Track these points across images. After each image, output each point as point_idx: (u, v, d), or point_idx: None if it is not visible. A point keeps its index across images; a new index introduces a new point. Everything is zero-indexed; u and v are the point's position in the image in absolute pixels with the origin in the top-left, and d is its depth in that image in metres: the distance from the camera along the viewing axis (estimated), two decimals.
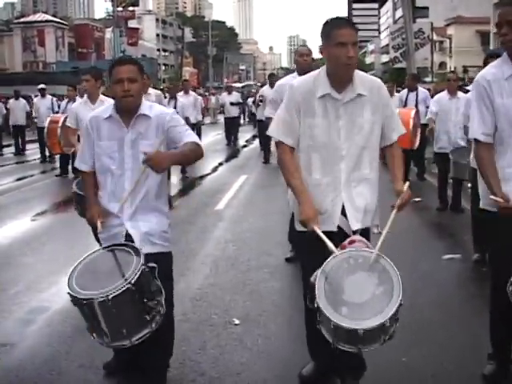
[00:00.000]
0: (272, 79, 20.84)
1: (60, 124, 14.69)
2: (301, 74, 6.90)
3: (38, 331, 6.21)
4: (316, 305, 3.92)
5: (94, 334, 4.30)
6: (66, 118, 11.66)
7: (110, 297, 4.00)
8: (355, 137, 4.41)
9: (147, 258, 4.29)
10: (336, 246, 4.18)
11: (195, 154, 4.68)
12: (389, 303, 3.83)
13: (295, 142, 4.52)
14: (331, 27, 4.29)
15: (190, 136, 4.70)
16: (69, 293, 4.12)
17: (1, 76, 63.65)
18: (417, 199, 12.10)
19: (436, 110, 11.57)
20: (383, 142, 4.59)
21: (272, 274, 7.82)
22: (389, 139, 4.58)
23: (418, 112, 13.57)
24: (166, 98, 17.44)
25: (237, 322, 6.37)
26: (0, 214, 12.39)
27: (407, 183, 4.45)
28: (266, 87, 20.15)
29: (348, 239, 4.29)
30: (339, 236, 4.38)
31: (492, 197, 4.40)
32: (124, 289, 4.04)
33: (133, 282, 4.06)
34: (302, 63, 7.84)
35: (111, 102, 4.85)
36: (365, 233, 4.52)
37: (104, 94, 8.21)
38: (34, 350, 5.79)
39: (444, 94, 11.65)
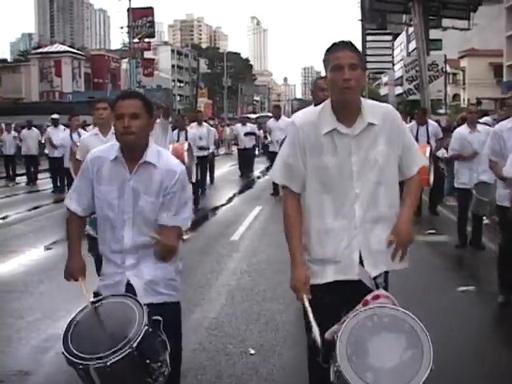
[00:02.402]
0: (276, 111, 20.99)
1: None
2: None
3: (55, 358, 6.18)
4: (336, 368, 3.46)
5: None
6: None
7: (108, 363, 3.53)
8: (369, 173, 3.95)
9: (151, 310, 3.85)
10: (355, 301, 3.78)
11: (176, 241, 4.35)
12: (419, 370, 3.37)
13: (300, 186, 4.09)
14: (327, 52, 3.94)
15: (180, 215, 4.24)
16: (63, 353, 3.68)
17: (17, 105, 64.23)
18: (431, 231, 12.12)
19: (458, 148, 11.19)
20: (402, 175, 4.13)
21: (287, 305, 7.83)
22: (408, 172, 4.13)
23: (431, 148, 13.17)
24: (174, 129, 17.58)
25: (252, 351, 6.42)
26: (16, 242, 12.51)
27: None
28: (272, 120, 20.38)
29: (372, 294, 3.80)
30: (359, 287, 3.92)
31: None
32: (124, 354, 3.56)
33: (134, 346, 3.59)
34: (321, 98, 7.56)
35: None
36: (385, 276, 4.12)
37: None
38: (51, 377, 5.84)
39: (464, 128, 11.36)
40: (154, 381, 3.77)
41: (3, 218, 16.06)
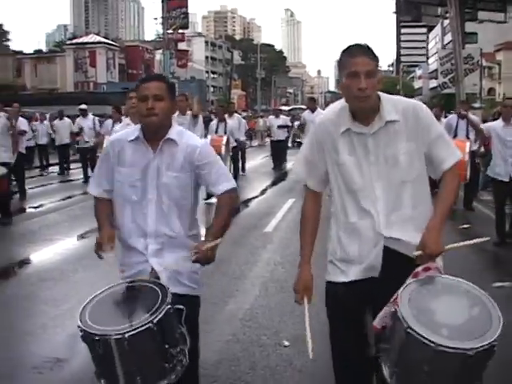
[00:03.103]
0: (311, 104, 20.88)
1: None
2: None
3: None
4: (407, 328, 3.22)
5: (103, 381, 3.63)
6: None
7: (127, 335, 3.40)
8: (390, 172, 3.78)
9: (174, 299, 3.70)
10: (381, 298, 3.61)
11: (233, 210, 4.31)
12: (491, 323, 3.26)
13: (319, 184, 4.04)
14: (344, 55, 3.75)
15: (224, 179, 4.23)
16: (79, 326, 3.54)
17: (52, 96, 64.74)
18: (465, 226, 12.01)
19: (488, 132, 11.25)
20: (434, 172, 3.90)
21: (321, 297, 7.80)
22: (441, 167, 3.86)
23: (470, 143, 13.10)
24: (212, 120, 17.63)
25: (286, 343, 6.41)
26: (51, 231, 12.62)
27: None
28: (307, 112, 20.31)
29: (422, 266, 3.59)
30: (384, 284, 3.71)
31: None
32: (145, 327, 3.44)
33: (155, 321, 3.47)
34: None
35: None
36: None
37: None
38: (86, 365, 5.84)
39: (498, 123, 11.28)
40: (172, 369, 3.62)
41: (37, 207, 16.21)
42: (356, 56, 3.67)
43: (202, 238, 4.15)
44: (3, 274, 9.59)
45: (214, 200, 4.48)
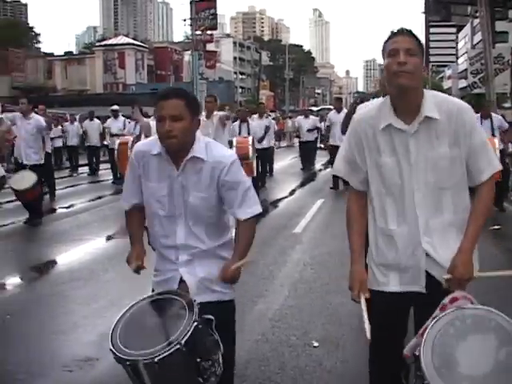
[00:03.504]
0: (338, 104, 20.75)
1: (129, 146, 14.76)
2: None
3: None
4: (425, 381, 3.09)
5: None
6: (133, 140, 11.94)
7: (156, 359, 3.36)
8: (431, 176, 3.61)
9: (204, 308, 3.64)
10: (422, 311, 3.58)
11: (252, 238, 4.15)
12: None
13: (360, 183, 3.86)
14: (386, 40, 3.63)
15: (253, 202, 4.10)
16: (111, 349, 3.53)
17: (81, 97, 65.30)
18: (496, 227, 11.91)
19: None
20: (471, 180, 3.70)
21: (350, 298, 7.79)
22: (478, 178, 3.67)
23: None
24: (235, 121, 17.62)
25: (316, 344, 6.38)
26: (82, 231, 12.72)
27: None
28: (333, 112, 20.12)
29: (449, 296, 3.44)
30: (426, 297, 3.65)
31: None
32: (172, 350, 3.38)
33: (183, 342, 3.40)
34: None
35: None
36: None
37: None
38: (117, 365, 5.89)
39: None
40: (206, 381, 3.56)
41: (68, 207, 16.34)
42: (396, 35, 3.58)
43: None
44: (34, 273, 9.68)
45: None
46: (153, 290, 4.14)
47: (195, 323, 3.48)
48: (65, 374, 5.76)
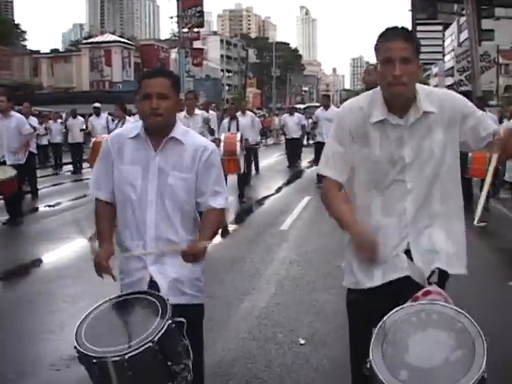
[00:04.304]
0: (325, 101, 20.71)
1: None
2: None
3: None
4: (368, 365, 3.08)
5: None
6: None
7: (127, 356, 3.17)
8: (423, 165, 3.60)
9: (174, 311, 3.46)
10: (405, 300, 3.39)
11: (220, 224, 4.06)
12: (466, 374, 2.88)
13: (344, 175, 3.75)
14: (380, 39, 3.54)
15: (223, 194, 4.01)
16: (75, 347, 3.30)
17: (68, 95, 65.09)
18: (481, 223, 11.94)
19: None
20: (479, 143, 3.72)
21: (337, 296, 7.76)
22: (485, 138, 3.69)
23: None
24: (223, 118, 17.51)
25: (302, 341, 6.40)
26: (68, 229, 12.62)
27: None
28: (320, 109, 20.01)
29: (422, 290, 3.43)
30: (409, 286, 3.54)
31: None
32: (145, 347, 3.21)
33: (156, 339, 3.24)
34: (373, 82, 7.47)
35: None
36: (442, 279, 3.69)
37: None
38: None
39: None
40: None
41: (53, 206, 16.29)
42: (390, 40, 3.47)
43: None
44: (21, 271, 9.66)
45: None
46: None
47: (168, 322, 3.35)
48: (52, 373, 5.76)
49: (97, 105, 22.21)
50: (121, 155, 3.93)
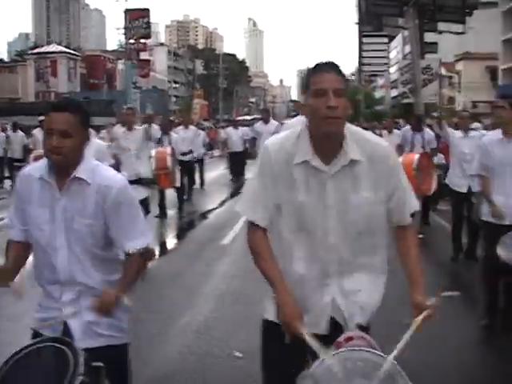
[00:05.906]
0: (265, 115, 20.62)
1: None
2: None
3: None
4: None
5: None
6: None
7: None
8: (348, 220, 3.31)
9: (92, 354, 3.22)
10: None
11: (141, 269, 3.70)
12: None
13: (267, 220, 3.41)
14: (309, 74, 3.27)
15: (139, 233, 3.67)
16: None
17: (13, 106, 64.38)
18: (419, 235, 12.17)
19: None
20: (391, 221, 3.47)
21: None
22: (400, 219, 3.46)
23: (427, 154, 12.54)
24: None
25: (239, 354, 6.52)
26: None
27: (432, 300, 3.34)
28: (260, 123, 19.84)
29: (344, 335, 3.21)
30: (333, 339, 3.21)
31: None
32: None
33: None
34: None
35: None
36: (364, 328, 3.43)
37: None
38: None
39: (458, 133, 10.86)
40: None
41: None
42: (323, 72, 3.21)
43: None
44: None
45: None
46: (33, 332, 3.68)
47: (80, 377, 2.99)
48: None
49: (42, 118, 21.59)
50: (29, 196, 3.61)
